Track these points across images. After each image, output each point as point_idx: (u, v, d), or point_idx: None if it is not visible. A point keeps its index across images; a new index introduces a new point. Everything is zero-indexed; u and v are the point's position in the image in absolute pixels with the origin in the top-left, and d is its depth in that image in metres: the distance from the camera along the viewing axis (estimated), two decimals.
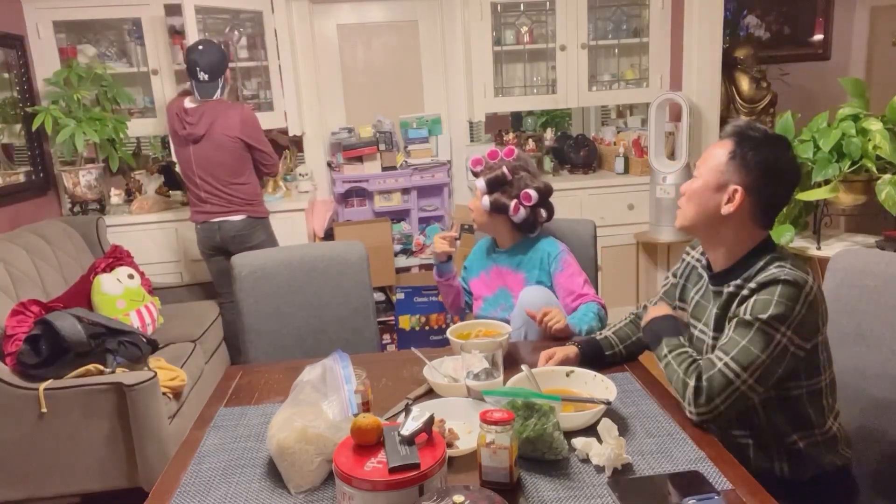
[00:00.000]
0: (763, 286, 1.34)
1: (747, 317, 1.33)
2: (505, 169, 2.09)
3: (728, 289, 1.42)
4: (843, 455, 1.43)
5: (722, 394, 1.32)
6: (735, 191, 1.39)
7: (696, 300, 1.54)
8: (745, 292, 1.37)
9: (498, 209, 2.09)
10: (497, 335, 1.74)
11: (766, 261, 1.39)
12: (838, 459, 1.41)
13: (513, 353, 1.74)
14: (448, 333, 1.77)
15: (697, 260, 1.58)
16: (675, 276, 1.66)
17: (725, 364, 1.33)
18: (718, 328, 1.43)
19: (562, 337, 1.85)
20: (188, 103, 3.15)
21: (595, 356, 1.66)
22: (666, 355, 1.44)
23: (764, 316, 1.31)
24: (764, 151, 1.39)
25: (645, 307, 1.71)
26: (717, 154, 1.42)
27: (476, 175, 2.17)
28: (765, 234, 1.44)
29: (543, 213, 2.12)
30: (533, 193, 2.06)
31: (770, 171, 1.39)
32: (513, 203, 2.06)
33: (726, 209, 1.40)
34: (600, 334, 1.74)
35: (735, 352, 1.33)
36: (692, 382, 1.35)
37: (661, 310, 1.56)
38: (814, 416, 1.39)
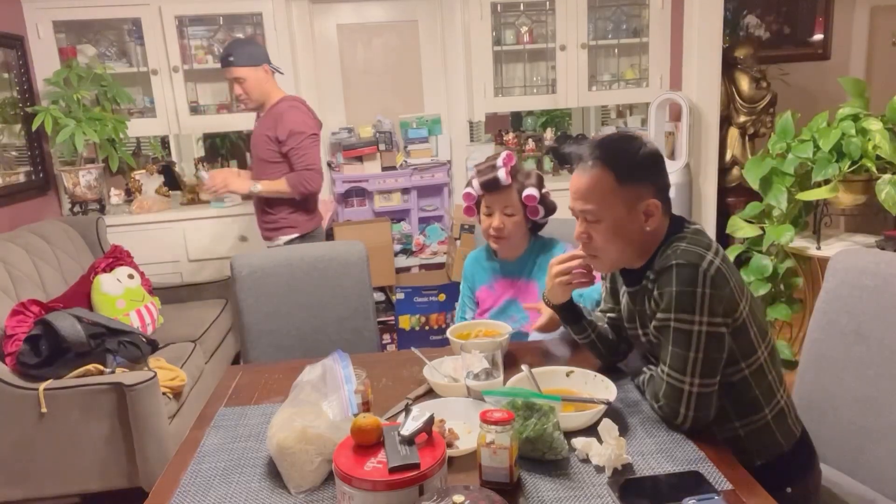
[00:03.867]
0: (660, 274, 1.32)
1: (659, 316, 1.33)
2: (520, 166, 2.04)
3: (642, 283, 1.41)
4: (793, 430, 1.42)
5: (681, 402, 1.32)
6: (649, 205, 1.36)
7: (623, 304, 1.53)
8: (649, 285, 1.36)
9: (547, 208, 2.02)
10: (497, 335, 1.74)
11: (666, 245, 1.37)
12: (787, 437, 1.41)
13: (513, 353, 1.74)
14: (448, 333, 1.77)
15: None
16: (603, 278, 1.65)
17: (668, 374, 1.34)
18: (645, 324, 1.43)
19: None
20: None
21: (574, 317, 1.60)
22: (638, 386, 1.48)
23: (671, 314, 1.30)
24: (636, 154, 1.38)
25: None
26: (601, 185, 1.35)
27: (496, 186, 1.96)
28: (668, 219, 1.42)
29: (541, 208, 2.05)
30: (535, 192, 1.99)
31: (655, 167, 1.39)
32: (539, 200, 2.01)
33: (650, 225, 1.37)
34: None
35: (669, 360, 1.33)
36: (656, 403, 1.38)
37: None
38: (761, 396, 1.39)
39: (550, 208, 2.05)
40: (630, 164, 1.37)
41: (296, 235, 2.93)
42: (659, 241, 1.40)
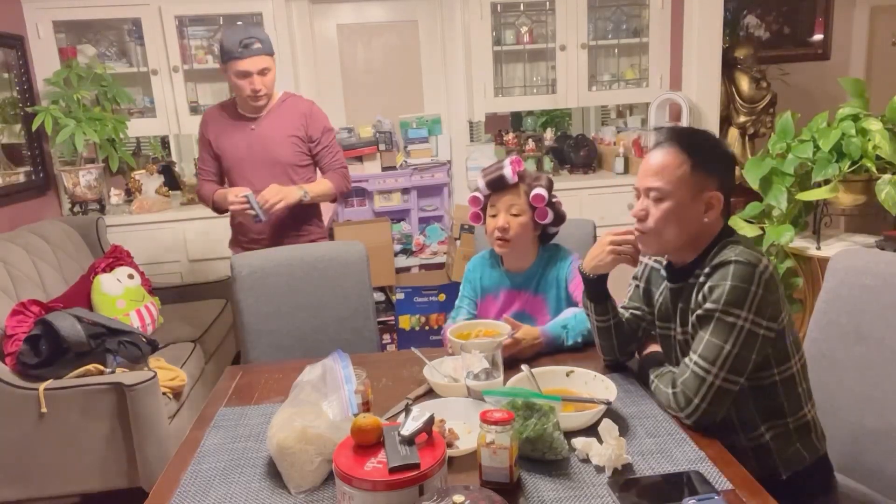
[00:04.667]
0: (715, 269, 1.35)
1: (706, 307, 1.34)
2: (527, 170, 1.97)
3: (689, 280, 1.43)
4: (817, 446, 1.43)
5: (698, 393, 1.33)
6: (712, 197, 1.40)
7: (660, 302, 1.54)
8: (701, 279, 1.38)
9: (557, 214, 1.93)
10: (497, 335, 1.73)
11: (721, 245, 1.40)
12: (810, 451, 1.41)
13: (513, 353, 1.73)
14: (448, 333, 1.76)
15: (657, 261, 1.57)
16: (636, 278, 1.65)
17: (695, 363, 1.34)
18: (685, 322, 1.44)
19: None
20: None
21: (601, 295, 1.59)
22: (653, 380, 1.47)
23: (719, 305, 1.32)
24: (714, 148, 1.44)
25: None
26: (675, 166, 1.39)
27: (501, 184, 1.90)
28: (724, 221, 1.45)
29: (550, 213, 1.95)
30: (544, 192, 1.90)
31: (728, 165, 1.45)
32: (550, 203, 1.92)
33: (709, 217, 1.40)
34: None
35: (701, 348, 1.34)
36: (670, 390, 1.39)
37: (651, 347, 1.61)
38: (787, 404, 1.40)
39: (560, 216, 1.96)
40: (706, 154, 1.41)
41: None
42: (709, 239, 1.42)
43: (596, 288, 1.58)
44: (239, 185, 2.51)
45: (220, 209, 2.60)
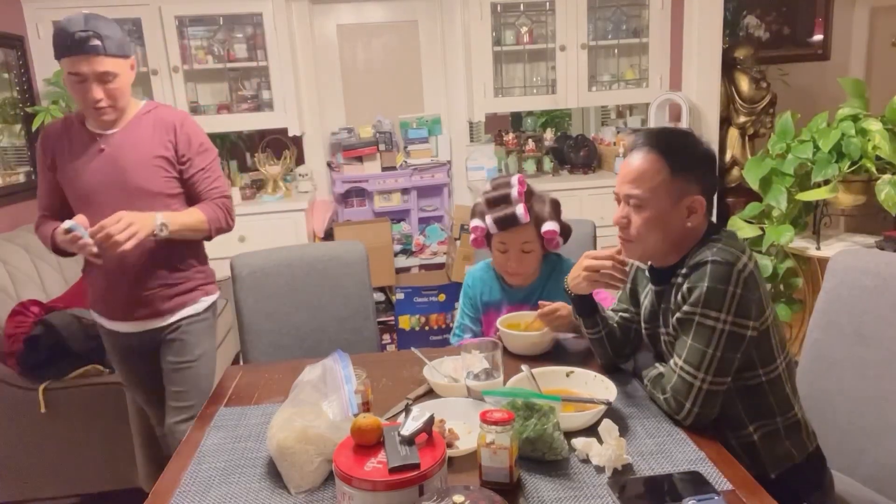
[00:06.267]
0: (693, 269, 1.33)
1: (685, 309, 1.33)
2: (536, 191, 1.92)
3: (671, 281, 1.41)
4: (806, 444, 1.43)
5: (688, 398, 1.33)
6: (694, 202, 1.37)
7: (645, 303, 1.54)
8: (679, 280, 1.37)
9: (566, 236, 1.92)
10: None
11: (700, 244, 1.38)
12: (799, 449, 1.41)
13: (514, 353, 1.73)
14: (498, 324, 1.77)
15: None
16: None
17: (681, 368, 1.34)
18: (667, 322, 1.43)
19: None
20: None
21: (588, 310, 1.57)
22: (646, 384, 1.47)
23: (698, 308, 1.31)
24: (693, 151, 1.40)
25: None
26: (653, 172, 1.36)
27: (514, 223, 1.83)
28: (708, 221, 1.43)
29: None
30: (555, 226, 1.88)
31: (709, 166, 1.42)
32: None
33: (692, 221, 1.38)
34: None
35: (685, 354, 1.34)
36: (662, 395, 1.39)
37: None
38: (776, 404, 1.39)
39: (568, 234, 1.94)
40: (685, 158, 1.38)
41: (217, 297, 2.11)
42: (694, 242, 1.40)
43: (581, 305, 1.58)
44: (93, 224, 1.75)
45: (64, 251, 1.86)
